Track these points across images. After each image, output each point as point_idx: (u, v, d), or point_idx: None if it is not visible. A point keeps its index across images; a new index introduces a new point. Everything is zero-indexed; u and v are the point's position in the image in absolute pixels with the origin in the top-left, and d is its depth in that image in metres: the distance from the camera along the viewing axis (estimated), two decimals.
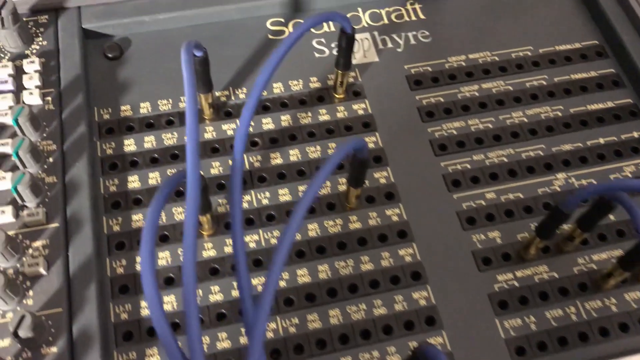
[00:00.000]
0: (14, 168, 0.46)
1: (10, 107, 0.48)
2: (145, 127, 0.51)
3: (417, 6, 0.59)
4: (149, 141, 0.50)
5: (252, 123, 0.51)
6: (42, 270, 0.42)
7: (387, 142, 0.51)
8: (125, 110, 0.51)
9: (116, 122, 0.50)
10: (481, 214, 0.48)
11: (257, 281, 0.45)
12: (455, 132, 0.52)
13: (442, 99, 0.53)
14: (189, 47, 0.40)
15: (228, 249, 0.46)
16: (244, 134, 0.41)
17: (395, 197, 0.49)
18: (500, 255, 0.47)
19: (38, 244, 0.43)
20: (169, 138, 0.50)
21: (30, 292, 0.42)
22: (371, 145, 0.51)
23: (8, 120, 0.48)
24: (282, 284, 0.45)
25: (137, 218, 0.47)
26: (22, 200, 0.44)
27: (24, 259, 0.43)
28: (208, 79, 0.48)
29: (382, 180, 0.49)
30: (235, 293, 0.44)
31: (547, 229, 0.44)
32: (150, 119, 0.51)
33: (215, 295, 0.44)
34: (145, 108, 0.51)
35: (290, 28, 0.56)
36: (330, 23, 0.57)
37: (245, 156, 0.50)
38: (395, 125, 0.52)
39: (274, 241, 0.46)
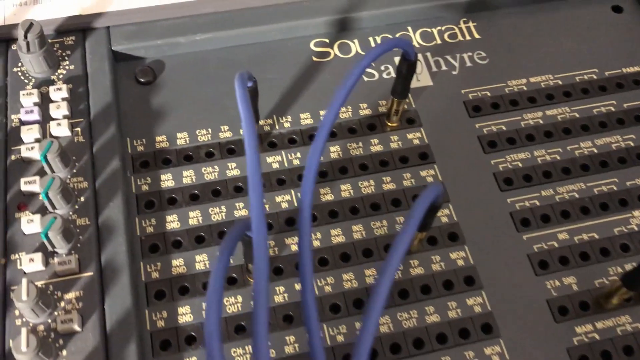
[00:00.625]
0: (41, 209, 0.42)
1: (37, 140, 0.44)
2: (184, 160, 0.46)
3: (471, 24, 0.54)
4: (188, 176, 0.45)
5: (299, 154, 0.47)
6: (77, 327, 0.38)
7: (447, 176, 0.47)
8: (161, 141, 0.47)
9: (151, 154, 0.46)
10: (554, 257, 0.44)
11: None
12: (520, 165, 0.47)
13: (504, 127, 0.49)
14: (242, 80, 0.36)
15: (279, 298, 0.41)
16: (309, 193, 0.35)
17: (459, 238, 0.44)
18: (577, 304, 0.42)
19: (71, 295, 0.39)
20: (210, 172, 0.46)
21: (64, 352, 0.37)
22: (429, 179, 0.46)
23: (35, 154, 0.43)
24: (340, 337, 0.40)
25: (178, 263, 0.42)
26: (53, 246, 0.40)
27: (55, 313, 0.38)
28: (255, 110, 0.44)
29: (444, 219, 0.45)
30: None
31: (637, 279, 0.39)
32: (188, 151, 0.46)
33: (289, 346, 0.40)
34: (182, 139, 0.47)
35: (336, 49, 0.52)
36: (378, 41, 0.53)
37: (292, 191, 0.46)
38: (455, 156, 0.48)
39: (328, 289, 0.42)
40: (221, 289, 0.28)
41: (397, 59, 0.51)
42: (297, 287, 0.42)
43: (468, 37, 0.54)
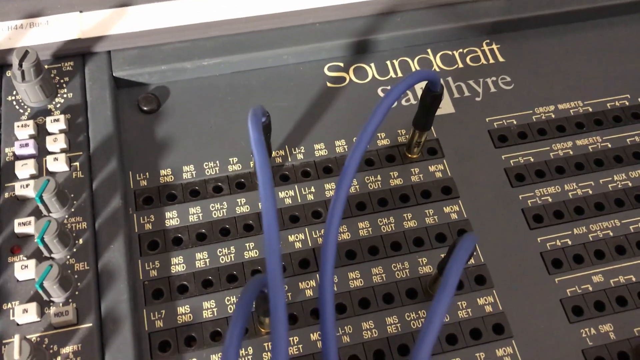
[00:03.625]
0: (37, 252, 0.39)
1: (32, 176, 0.41)
2: (190, 195, 0.43)
3: (494, 47, 0.51)
4: (195, 213, 0.42)
5: (313, 189, 0.44)
6: None
7: (472, 212, 0.43)
8: (166, 175, 0.44)
9: (155, 189, 0.43)
10: (589, 303, 0.41)
11: None
12: (550, 200, 0.44)
13: (532, 159, 0.46)
14: (256, 117, 0.33)
15: (292, 350, 0.38)
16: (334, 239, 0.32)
17: (486, 281, 0.41)
18: (616, 355, 0.39)
19: (68, 350, 0.36)
20: (218, 209, 0.43)
21: None
22: (453, 216, 0.43)
23: (30, 192, 0.40)
24: None
25: (184, 310, 0.39)
26: (49, 295, 0.37)
27: None
28: (268, 145, 0.41)
29: (470, 261, 0.42)
30: None
31: None
32: (195, 186, 0.43)
33: None
34: (188, 172, 0.44)
35: (352, 74, 0.49)
36: (397, 69, 0.49)
37: (306, 230, 0.42)
38: (480, 190, 0.44)
39: (346, 339, 0.39)
40: None
41: (418, 86, 0.48)
42: (313, 337, 0.39)
43: (492, 61, 0.50)
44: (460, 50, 0.51)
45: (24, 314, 0.36)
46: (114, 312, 0.37)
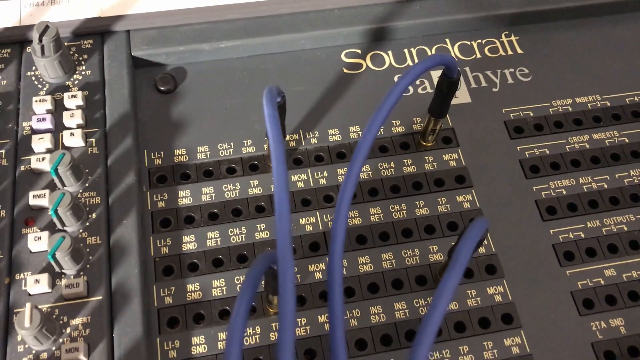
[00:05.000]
0: (50, 225, 0.39)
1: (49, 150, 0.41)
2: (204, 175, 0.43)
3: (513, 38, 0.51)
4: (207, 193, 0.42)
5: (326, 173, 0.44)
6: (82, 357, 0.35)
7: (485, 203, 0.43)
8: (180, 154, 0.44)
9: (170, 168, 0.43)
10: (600, 296, 0.40)
11: None
12: (564, 192, 0.44)
13: (547, 151, 0.45)
14: (271, 96, 0.33)
15: (300, 331, 0.38)
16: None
17: (497, 271, 0.41)
18: (626, 350, 0.39)
19: (77, 321, 0.36)
20: (230, 190, 0.43)
21: None
22: (466, 205, 0.43)
23: (45, 166, 0.40)
24: None
25: (193, 288, 0.39)
26: (60, 267, 0.37)
27: (60, 340, 0.35)
28: (282, 126, 0.41)
29: (481, 250, 0.41)
30: None
31: None
32: (209, 166, 0.43)
33: None
34: (203, 153, 0.44)
35: (369, 61, 0.49)
36: (415, 57, 0.49)
37: (317, 213, 0.42)
38: (494, 181, 0.44)
39: (354, 322, 0.39)
40: (242, 336, 0.25)
41: (434, 73, 0.48)
42: (321, 319, 0.39)
43: (510, 52, 0.50)
44: (479, 40, 0.50)
45: (36, 284, 0.37)
46: (124, 286, 0.38)
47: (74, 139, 0.42)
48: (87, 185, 0.40)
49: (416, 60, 0.49)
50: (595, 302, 0.40)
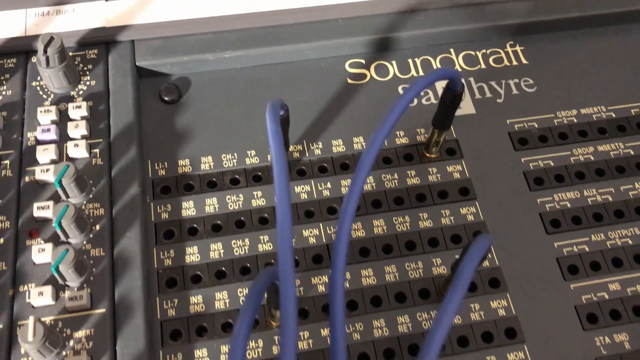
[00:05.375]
0: (54, 236, 0.39)
1: (53, 161, 0.42)
2: (207, 186, 0.43)
3: (518, 48, 0.50)
4: (211, 204, 0.43)
5: (329, 185, 0.44)
6: None
7: (489, 215, 0.43)
8: (184, 165, 0.44)
9: (173, 179, 0.43)
10: (604, 311, 0.40)
11: None
12: (569, 205, 0.44)
13: (552, 163, 0.45)
14: (274, 110, 0.33)
15: (303, 344, 0.38)
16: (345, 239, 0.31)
17: (500, 284, 0.41)
18: None
19: (81, 334, 0.36)
20: (234, 201, 0.43)
21: None
22: (470, 218, 0.43)
23: (49, 177, 0.41)
24: None
25: (196, 300, 0.39)
26: (64, 279, 0.37)
27: (64, 353, 0.36)
28: (286, 139, 0.41)
29: (484, 263, 0.41)
30: None
31: None
32: (212, 177, 0.44)
33: None
34: (206, 163, 0.44)
35: (372, 71, 0.49)
36: (419, 66, 0.49)
37: (320, 225, 0.42)
38: (498, 193, 0.44)
39: (356, 337, 0.39)
40: (244, 355, 0.25)
41: (438, 84, 0.48)
42: (324, 332, 0.39)
43: (515, 62, 0.50)
44: (484, 50, 0.50)
45: (39, 296, 0.37)
46: (127, 299, 0.38)
47: (78, 150, 0.42)
48: (91, 196, 0.41)
49: (420, 71, 0.49)
50: (599, 316, 0.40)
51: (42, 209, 0.39)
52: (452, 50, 0.50)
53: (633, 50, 0.51)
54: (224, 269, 0.40)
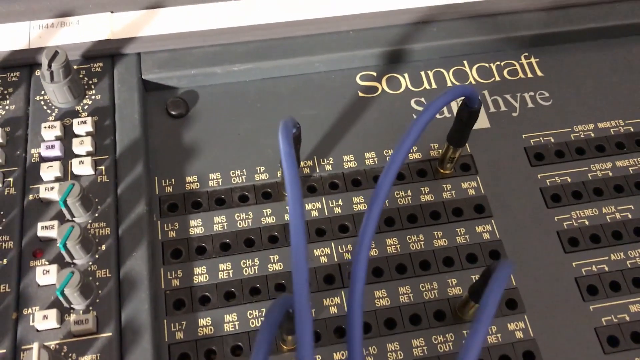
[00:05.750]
0: (59, 257, 0.38)
1: (57, 179, 0.41)
2: (215, 203, 0.42)
3: (533, 60, 0.49)
4: (220, 222, 0.41)
5: (341, 202, 0.43)
6: None
7: (505, 233, 0.42)
8: (192, 181, 0.43)
9: (181, 196, 0.42)
10: (625, 333, 0.39)
11: None
12: (587, 223, 0.42)
13: (569, 179, 0.44)
14: (287, 131, 0.32)
15: None
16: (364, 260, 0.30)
17: (518, 305, 0.40)
18: None
19: (87, 359, 0.35)
20: (243, 219, 0.42)
21: None
22: (486, 236, 0.42)
23: (54, 196, 0.40)
24: None
25: (205, 322, 0.38)
26: (69, 303, 0.36)
27: None
28: (297, 156, 0.39)
29: None
30: None
31: None
32: (221, 194, 0.42)
33: None
34: (215, 180, 0.43)
35: (384, 84, 0.48)
36: (431, 78, 0.48)
37: (332, 244, 0.41)
38: (514, 210, 0.43)
39: None
40: None
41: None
42: (336, 356, 0.38)
43: (530, 75, 0.49)
44: (498, 62, 0.49)
45: (44, 320, 0.36)
46: (134, 321, 0.37)
47: (83, 167, 0.41)
48: (96, 215, 0.40)
49: (433, 83, 0.48)
50: (620, 339, 0.39)
51: (47, 229, 0.38)
52: (465, 62, 0.49)
53: None
54: (233, 289, 0.39)
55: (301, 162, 0.44)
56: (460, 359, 0.25)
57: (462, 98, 0.38)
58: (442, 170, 0.44)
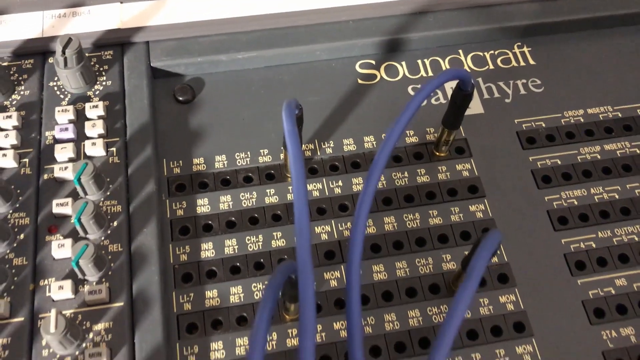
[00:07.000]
0: (73, 232, 0.40)
1: (71, 159, 0.43)
2: (221, 184, 0.44)
3: (525, 49, 0.51)
4: (225, 201, 0.43)
5: (341, 182, 0.45)
6: None
7: (498, 212, 0.44)
8: (198, 163, 0.45)
9: (188, 177, 0.44)
10: (611, 306, 0.41)
11: None
12: (576, 203, 0.44)
13: (559, 162, 0.46)
14: (290, 109, 0.34)
15: (316, 338, 0.39)
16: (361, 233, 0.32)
17: (509, 279, 0.42)
18: (636, 358, 0.39)
19: (100, 327, 0.37)
20: (247, 199, 0.44)
21: None
22: (479, 215, 0.44)
23: (68, 175, 0.42)
24: None
25: (211, 294, 0.40)
26: (83, 274, 0.38)
27: (84, 345, 0.36)
28: (299, 137, 0.41)
29: (494, 259, 0.42)
30: None
31: None
32: (226, 175, 0.44)
33: None
34: (220, 162, 0.45)
35: (382, 71, 0.50)
36: (428, 66, 0.50)
37: (332, 222, 0.43)
38: (506, 191, 0.45)
39: (368, 330, 0.40)
40: (264, 346, 0.26)
41: (448, 84, 0.49)
42: (336, 325, 0.40)
43: (522, 63, 0.51)
44: (492, 51, 0.51)
45: (60, 290, 0.38)
46: (145, 293, 0.39)
47: (95, 149, 0.43)
48: (108, 194, 0.42)
49: (430, 71, 0.50)
50: (606, 311, 0.41)
51: (61, 206, 0.40)
52: (460, 51, 0.51)
53: (638, 51, 0.52)
54: (238, 264, 0.41)
55: (303, 145, 0.46)
56: (448, 318, 0.27)
57: (457, 82, 0.40)
58: (437, 153, 0.46)
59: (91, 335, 0.37)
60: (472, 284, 0.29)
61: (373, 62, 0.50)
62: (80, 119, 0.44)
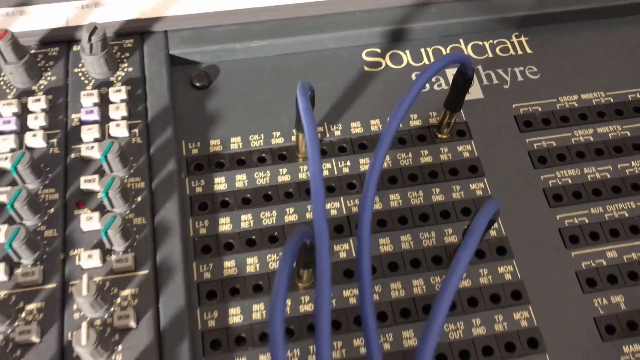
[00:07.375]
0: (99, 207, 0.43)
1: (96, 140, 0.45)
2: (237, 164, 0.47)
3: (523, 39, 0.54)
4: (241, 180, 0.46)
5: (349, 162, 0.48)
6: (132, 324, 0.39)
7: (497, 190, 0.47)
8: (215, 145, 0.48)
9: (206, 157, 0.47)
10: (602, 276, 0.44)
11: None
12: (570, 181, 0.47)
13: (554, 144, 0.49)
14: (304, 89, 0.36)
15: None
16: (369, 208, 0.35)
17: (507, 252, 0.44)
18: (625, 324, 0.42)
19: (127, 292, 0.40)
20: (261, 177, 0.46)
21: (119, 347, 0.38)
22: (479, 193, 0.47)
23: (94, 154, 0.44)
24: None
25: (229, 265, 0.43)
26: (111, 244, 0.41)
27: (112, 309, 0.39)
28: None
29: (493, 233, 0.45)
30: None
31: None
32: (241, 156, 0.47)
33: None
34: (235, 143, 0.48)
35: (388, 59, 0.53)
36: (430, 55, 0.53)
37: (341, 199, 0.46)
38: (504, 170, 0.48)
39: (375, 297, 0.42)
40: (284, 305, 0.29)
41: (449, 71, 0.52)
42: (345, 293, 0.42)
43: (520, 52, 0.54)
44: (491, 41, 0.54)
45: (89, 259, 0.41)
46: (168, 262, 0.41)
47: (119, 130, 0.46)
48: (132, 171, 0.44)
49: (432, 59, 0.53)
50: (597, 281, 0.43)
51: (89, 182, 0.43)
52: (461, 40, 0.54)
53: (629, 40, 0.55)
54: (254, 237, 0.44)
55: None
56: (447, 277, 0.30)
57: (458, 66, 0.43)
58: (440, 135, 0.49)
59: (118, 300, 0.40)
60: (471, 244, 0.31)
61: (378, 50, 0.53)
62: (104, 103, 0.47)
